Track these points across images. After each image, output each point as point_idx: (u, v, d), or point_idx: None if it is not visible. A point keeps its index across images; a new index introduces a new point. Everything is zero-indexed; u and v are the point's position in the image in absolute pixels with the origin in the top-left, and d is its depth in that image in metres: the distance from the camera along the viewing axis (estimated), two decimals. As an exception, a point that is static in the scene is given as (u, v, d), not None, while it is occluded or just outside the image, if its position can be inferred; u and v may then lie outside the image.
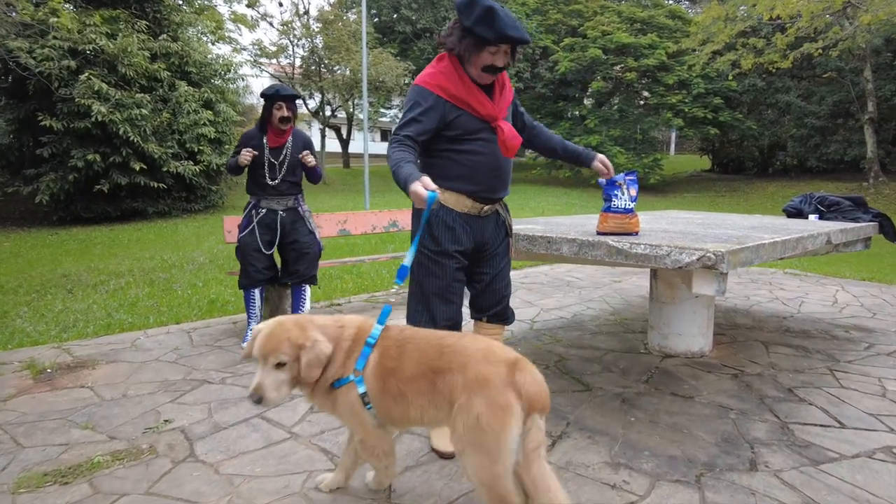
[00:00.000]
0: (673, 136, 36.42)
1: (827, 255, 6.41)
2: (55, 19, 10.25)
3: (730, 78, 19.87)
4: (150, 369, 3.48)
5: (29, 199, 13.85)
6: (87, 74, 11.62)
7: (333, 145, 28.03)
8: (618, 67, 22.15)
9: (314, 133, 26.77)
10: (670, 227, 3.33)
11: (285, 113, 3.75)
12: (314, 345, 1.77)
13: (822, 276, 6.69)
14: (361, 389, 1.83)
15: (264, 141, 3.83)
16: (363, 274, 6.65)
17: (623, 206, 2.63)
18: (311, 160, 3.90)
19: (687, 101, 20.92)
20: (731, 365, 3.51)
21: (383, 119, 31.21)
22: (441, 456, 2.36)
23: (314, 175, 4.01)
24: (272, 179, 3.84)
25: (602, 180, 2.61)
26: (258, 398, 1.73)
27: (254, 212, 3.90)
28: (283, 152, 3.84)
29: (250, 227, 3.87)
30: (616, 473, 2.24)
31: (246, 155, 3.72)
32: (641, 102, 23.47)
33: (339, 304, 5.21)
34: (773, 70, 17.98)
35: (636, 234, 2.68)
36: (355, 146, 27.78)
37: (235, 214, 15.10)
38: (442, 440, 2.37)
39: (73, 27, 10.94)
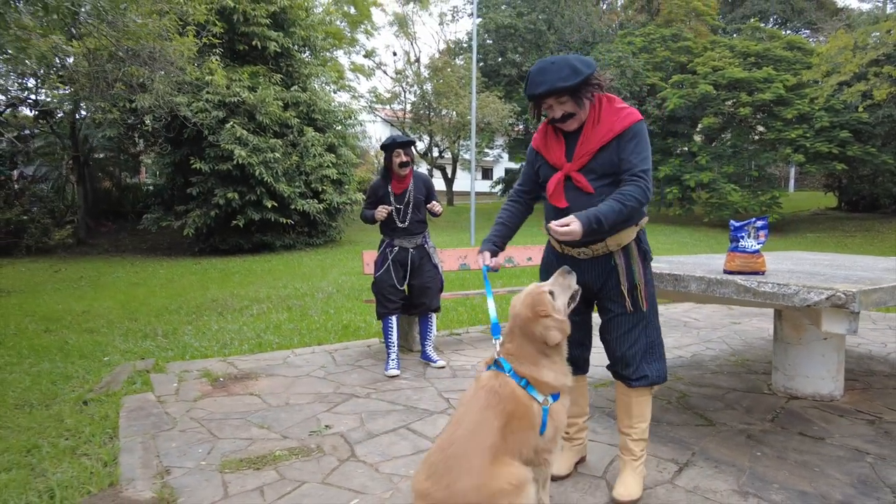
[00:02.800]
0: (792, 171, 34.19)
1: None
2: (211, 77, 11.82)
3: (860, 109, 18.53)
4: (304, 383, 3.99)
5: (177, 232, 15.73)
6: (231, 123, 13.18)
7: (438, 184, 29.13)
8: (730, 103, 21.41)
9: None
10: (796, 267, 3.36)
11: (403, 158, 4.18)
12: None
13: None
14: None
15: (389, 189, 4.28)
16: (475, 307, 6.99)
17: (749, 247, 2.76)
18: (438, 209, 4.38)
19: (808, 135, 19.71)
20: (866, 411, 3.41)
21: (487, 158, 32.05)
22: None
23: (434, 214, 4.47)
24: (402, 222, 4.29)
25: (732, 222, 2.77)
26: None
27: (388, 250, 4.35)
28: (407, 196, 4.28)
29: (385, 264, 4.33)
30: (745, 501, 2.34)
31: (382, 212, 4.18)
32: (756, 137, 22.42)
33: (458, 334, 5.56)
34: (913, 100, 16.60)
35: (763, 273, 2.79)
36: (459, 184, 28.71)
37: (352, 248, 15.96)
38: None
39: (222, 83, 12.54)
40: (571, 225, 2.04)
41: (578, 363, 2.49)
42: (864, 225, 20.15)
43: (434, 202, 4.39)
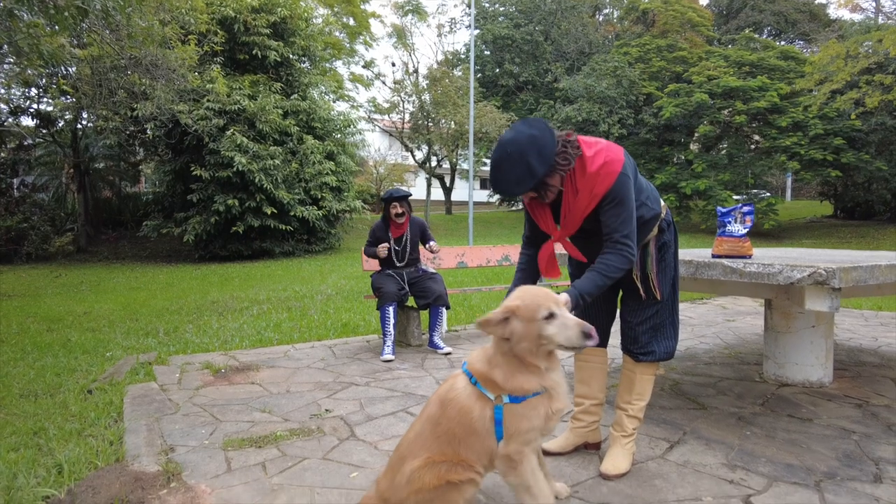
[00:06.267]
0: (789, 180, 34.41)
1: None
2: (212, 85, 11.97)
3: (853, 117, 18.75)
4: (304, 373, 4.06)
5: (176, 239, 15.82)
6: (231, 131, 13.32)
7: (437, 193, 29.27)
8: (725, 111, 21.65)
9: (420, 182, 28.16)
10: (783, 254, 3.45)
11: (399, 210, 4.64)
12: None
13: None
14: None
15: (389, 234, 4.68)
16: (473, 305, 7.06)
17: (736, 231, 2.85)
18: (436, 248, 4.72)
19: (803, 143, 19.92)
20: (854, 396, 3.49)
21: (484, 168, 32.23)
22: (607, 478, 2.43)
23: (432, 252, 4.79)
24: (399, 262, 4.71)
25: (719, 209, 2.87)
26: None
27: (385, 271, 4.74)
28: (404, 239, 4.70)
29: (382, 273, 4.70)
30: (733, 472, 2.42)
31: (383, 249, 4.58)
32: (752, 146, 22.65)
33: (455, 331, 5.63)
34: (904, 107, 16.82)
35: (749, 257, 2.88)
36: (457, 194, 28.85)
37: (350, 255, 15.94)
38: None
39: (223, 91, 12.70)
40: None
41: (598, 334, 2.49)
42: (860, 231, 20.30)
43: (431, 242, 4.73)
